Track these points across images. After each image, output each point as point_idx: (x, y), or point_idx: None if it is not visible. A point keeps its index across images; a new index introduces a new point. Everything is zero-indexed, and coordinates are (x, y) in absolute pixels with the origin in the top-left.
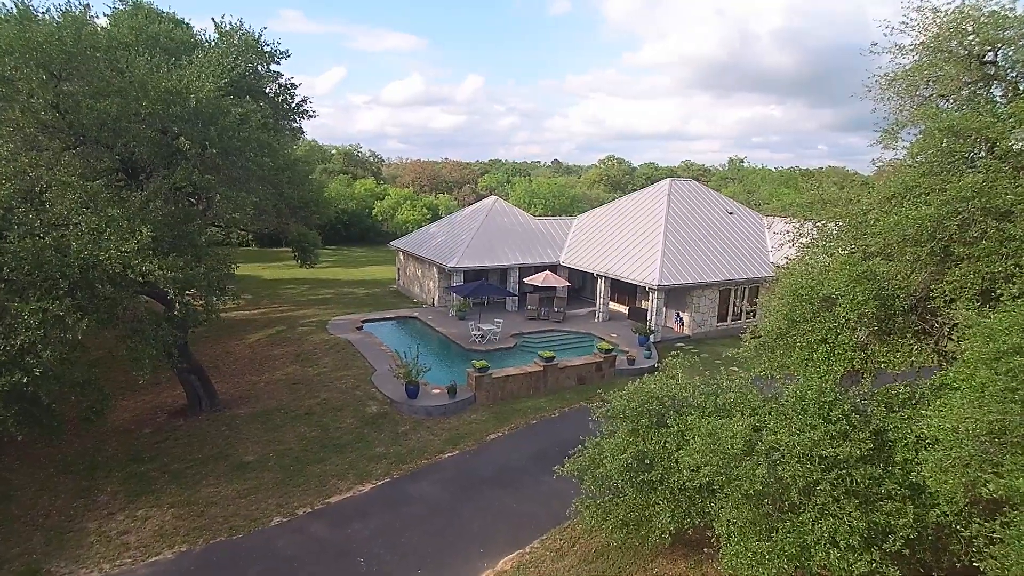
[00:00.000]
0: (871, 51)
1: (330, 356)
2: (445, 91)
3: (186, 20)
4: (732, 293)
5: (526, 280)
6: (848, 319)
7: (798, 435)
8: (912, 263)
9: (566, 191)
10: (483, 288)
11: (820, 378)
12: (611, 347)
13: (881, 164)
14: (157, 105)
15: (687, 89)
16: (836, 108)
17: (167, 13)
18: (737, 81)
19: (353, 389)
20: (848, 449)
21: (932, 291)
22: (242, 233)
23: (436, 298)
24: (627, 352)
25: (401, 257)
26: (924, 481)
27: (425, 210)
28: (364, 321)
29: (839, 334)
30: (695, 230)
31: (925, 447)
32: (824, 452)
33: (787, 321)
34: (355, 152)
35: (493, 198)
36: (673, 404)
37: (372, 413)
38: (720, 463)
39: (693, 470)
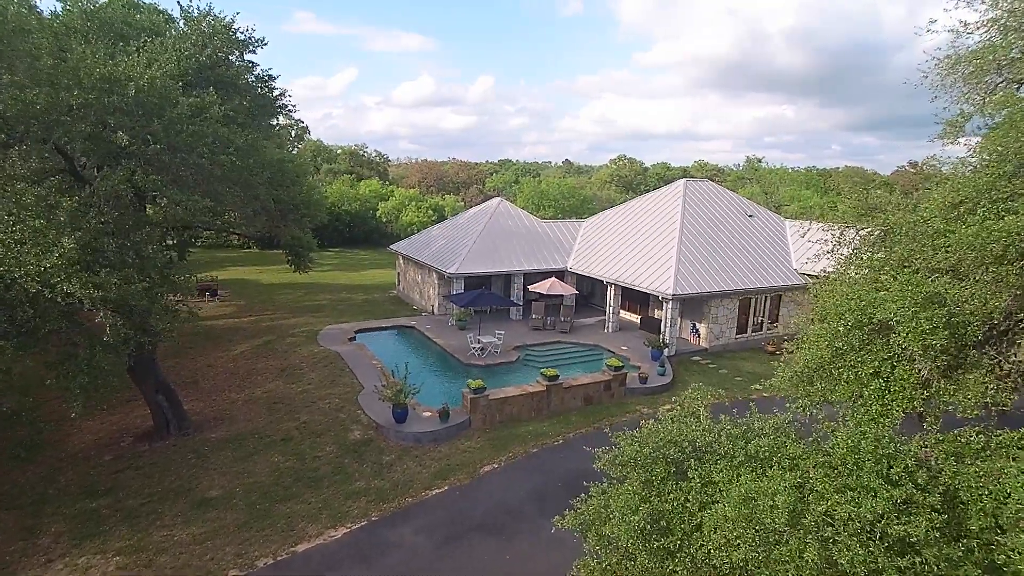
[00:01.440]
0: (928, 30)
1: (317, 371)
2: (456, 91)
3: (161, 6)
4: (752, 302)
5: (530, 288)
6: (908, 350)
7: (855, 504)
8: (993, 285)
9: (576, 192)
10: (483, 297)
11: (874, 421)
12: (621, 364)
13: (902, 166)
14: (91, 95)
15: (699, 89)
16: (849, 107)
17: None
18: (749, 80)
19: (337, 411)
20: (923, 528)
21: (1019, 320)
22: (240, 237)
23: (436, 306)
24: (639, 368)
25: (401, 262)
26: (1012, 564)
27: (430, 211)
28: (358, 331)
29: (895, 367)
30: (712, 234)
31: (1007, 514)
32: (891, 530)
33: (831, 349)
34: (361, 152)
35: (497, 200)
36: (694, 450)
37: (355, 439)
38: (757, 539)
39: (722, 547)
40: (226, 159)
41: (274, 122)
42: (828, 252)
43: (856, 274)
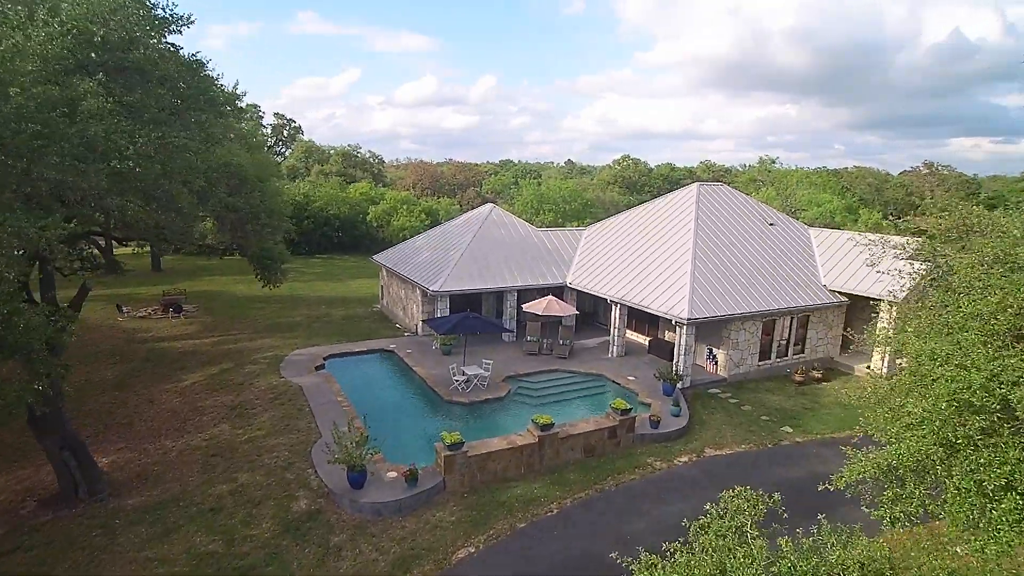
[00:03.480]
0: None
1: (271, 411)
2: (458, 91)
3: None
4: (776, 324)
5: (525, 307)
6: None
7: None
8: None
9: (578, 194)
10: (468, 322)
11: (1007, 555)
12: (628, 407)
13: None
14: None
15: (701, 89)
16: (851, 107)
17: None
18: (751, 80)
19: (284, 468)
20: None
21: None
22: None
23: (419, 325)
24: (648, 405)
25: (384, 274)
26: None
27: (424, 216)
28: (328, 357)
29: None
30: (730, 246)
31: None
32: None
33: (935, 438)
34: (354, 153)
35: (489, 206)
36: None
37: (300, 511)
38: None
39: None
40: (121, 165)
41: (241, 124)
42: (912, 296)
43: (958, 323)
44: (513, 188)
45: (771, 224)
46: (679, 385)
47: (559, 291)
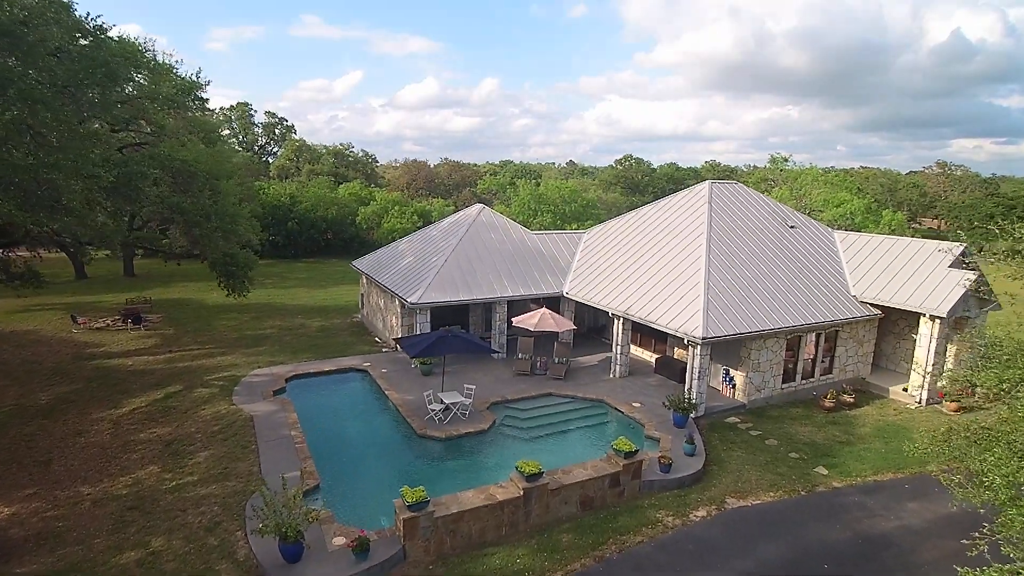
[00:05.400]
0: None
1: (211, 448)
2: (461, 93)
3: None
4: (801, 342)
5: (515, 321)
6: None
7: None
8: None
9: (579, 195)
10: (446, 342)
11: None
12: (633, 448)
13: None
14: None
15: (703, 90)
16: (854, 108)
17: None
18: (754, 82)
19: (209, 531)
20: None
21: None
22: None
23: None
24: (657, 439)
25: (364, 281)
26: None
27: (415, 217)
28: (292, 377)
29: None
30: (749, 252)
31: None
32: None
33: None
34: (346, 152)
35: (478, 207)
36: None
37: None
38: None
39: None
40: None
41: (199, 114)
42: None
43: None
44: (510, 188)
45: (792, 226)
46: (693, 414)
47: (555, 301)
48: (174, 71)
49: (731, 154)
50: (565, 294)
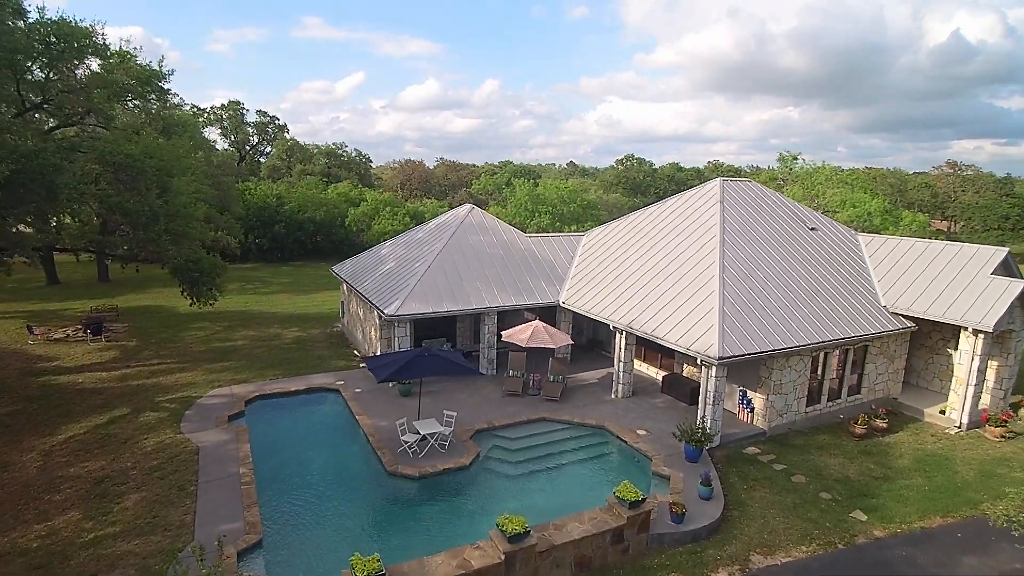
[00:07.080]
0: None
1: (145, 489)
2: (462, 95)
3: None
4: (826, 359)
5: (504, 335)
6: None
7: None
8: None
9: (578, 195)
10: (421, 362)
11: None
12: (639, 495)
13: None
14: None
15: (704, 91)
16: (855, 109)
17: None
18: (754, 83)
19: None
20: None
21: None
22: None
23: (379, 354)
24: (667, 477)
25: (345, 288)
26: None
27: (408, 218)
28: (252, 399)
29: None
30: (766, 259)
31: None
32: None
33: None
34: (339, 151)
35: (467, 207)
36: None
37: None
38: None
39: None
40: None
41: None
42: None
43: None
44: (506, 189)
45: (813, 228)
46: (707, 446)
47: (551, 312)
48: (132, 59)
49: (732, 155)
50: (562, 303)
